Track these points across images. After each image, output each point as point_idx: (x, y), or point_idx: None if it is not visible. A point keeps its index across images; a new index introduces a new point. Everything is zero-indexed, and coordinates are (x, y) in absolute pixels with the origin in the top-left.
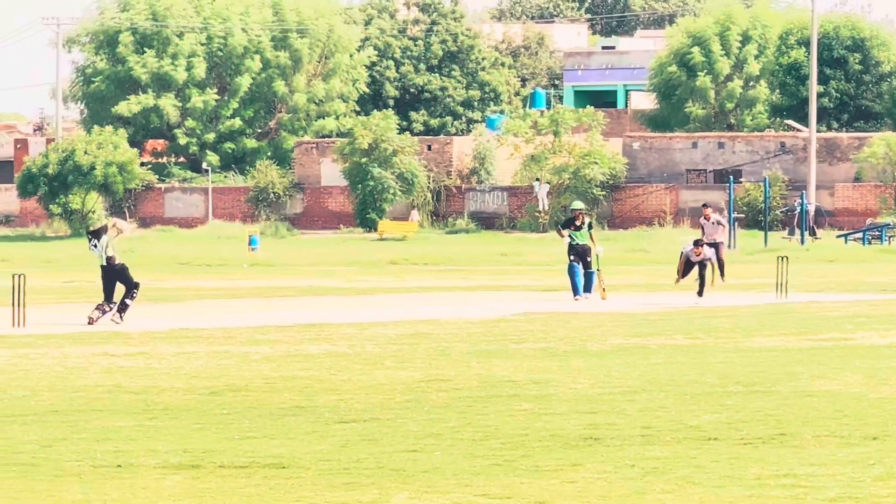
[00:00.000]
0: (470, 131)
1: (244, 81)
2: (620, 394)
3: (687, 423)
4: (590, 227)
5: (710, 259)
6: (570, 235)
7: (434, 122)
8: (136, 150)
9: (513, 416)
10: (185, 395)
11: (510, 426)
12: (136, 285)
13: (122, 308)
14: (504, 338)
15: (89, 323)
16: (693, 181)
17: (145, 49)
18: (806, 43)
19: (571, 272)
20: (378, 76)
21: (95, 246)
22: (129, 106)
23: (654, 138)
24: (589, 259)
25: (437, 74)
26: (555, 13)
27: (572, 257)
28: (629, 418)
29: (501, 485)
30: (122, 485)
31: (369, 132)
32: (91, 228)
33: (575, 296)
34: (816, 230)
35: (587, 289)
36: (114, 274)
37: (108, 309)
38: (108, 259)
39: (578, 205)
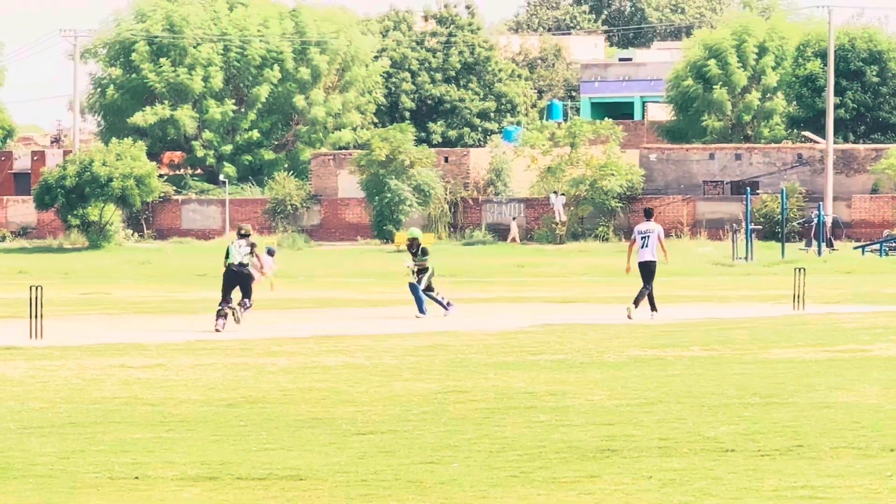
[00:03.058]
0: (487, 143)
1: (262, 92)
2: (638, 405)
3: (704, 435)
4: (423, 252)
5: None
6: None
7: (451, 134)
8: (154, 162)
9: (530, 427)
10: (203, 407)
11: (527, 438)
12: (250, 295)
13: (244, 307)
14: (521, 349)
15: (217, 330)
16: (710, 193)
17: (161, 59)
18: (823, 55)
19: (413, 290)
20: (395, 88)
21: (239, 246)
22: (144, 116)
23: (671, 150)
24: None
25: (454, 86)
26: (572, 25)
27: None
28: (646, 430)
29: (518, 496)
30: (140, 497)
31: (386, 144)
32: (243, 231)
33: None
34: (833, 242)
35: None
36: (237, 277)
37: (227, 311)
38: (241, 264)
39: (414, 233)
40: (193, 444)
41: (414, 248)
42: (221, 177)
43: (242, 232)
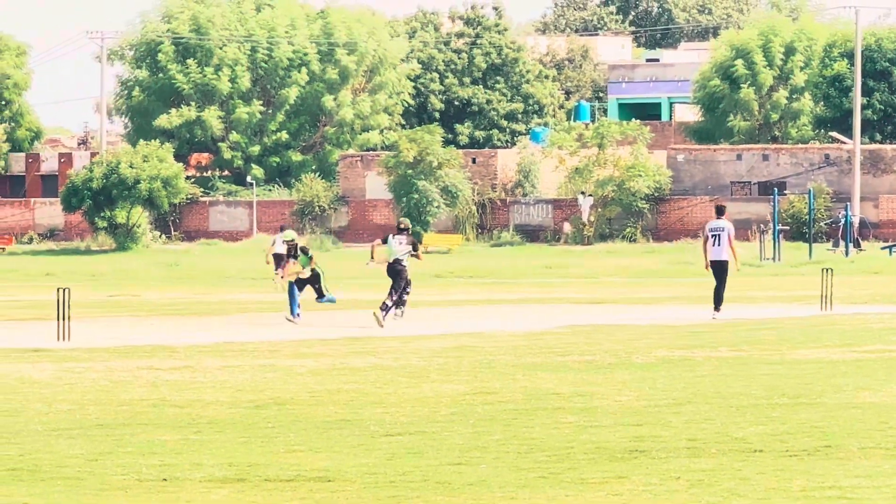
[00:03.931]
0: (514, 144)
1: (291, 94)
2: (666, 406)
3: (732, 436)
4: (304, 252)
5: None
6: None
7: (479, 135)
8: (181, 164)
9: (558, 428)
10: (230, 409)
11: (555, 439)
12: (410, 285)
13: (401, 304)
14: (549, 350)
15: (380, 324)
16: (738, 193)
17: (187, 60)
18: (850, 55)
19: (290, 292)
20: (423, 89)
21: (400, 242)
22: (170, 119)
23: (698, 150)
24: (318, 286)
25: (481, 87)
26: (599, 26)
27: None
28: (674, 431)
29: (547, 497)
30: (168, 499)
31: (414, 145)
32: (402, 225)
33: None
34: (861, 242)
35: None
36: (400, 272)
37: (388, 306)
38: (395, 260)
39: (289, 235)
40: (221, 445)
41: (292, 251)
42: (249, 178)
43: (402, 226)
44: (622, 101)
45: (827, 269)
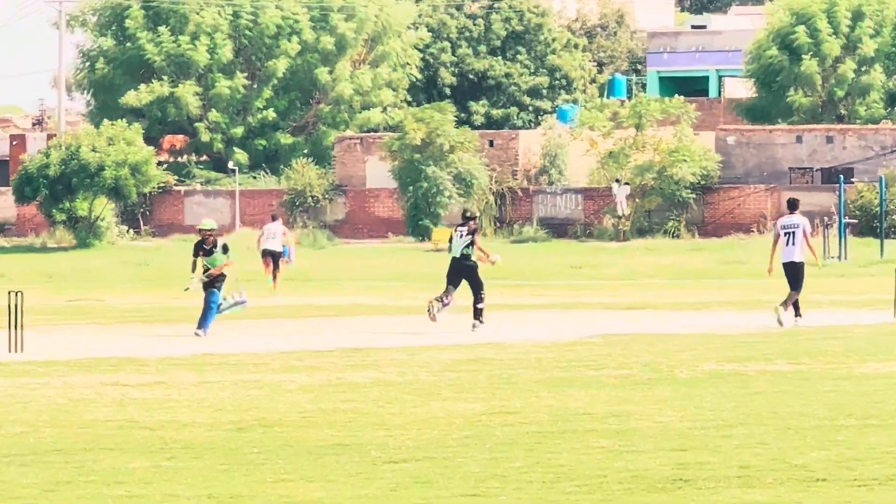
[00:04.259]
0: (538, 124)
1: (279, 66)
2: (714, 428)
3: (791, 462)
4: (225, 250)
5: None
6: (203, 265)
7: (497, 114)
8: (152, 148)
9: (589, 454)
10: (209, 432)
11: (586, 466)
12: (482, 286)
13: (478, 314)
14: (579, 364)
15: (432, 320)
16: (797, 181)
17: (159, 27)
18: None
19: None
20: (432, 60)
21: (461, 235)
22: (139, 95)
23: (751, 132)
24: (216, 287)
25: (499, 58)
26: None
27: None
28: (724, 456)
29: None
30: None
31: (422, 126)
32: (468, 214)
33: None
34: None
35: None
36: (462, 270)
37: (447, 301)
38: (464, 255)
39: (208, 224)
40: (199, 473)
41: (209, 244)
42: (231, 164)
43: (468, 214)
44: (663, 75)
45: None
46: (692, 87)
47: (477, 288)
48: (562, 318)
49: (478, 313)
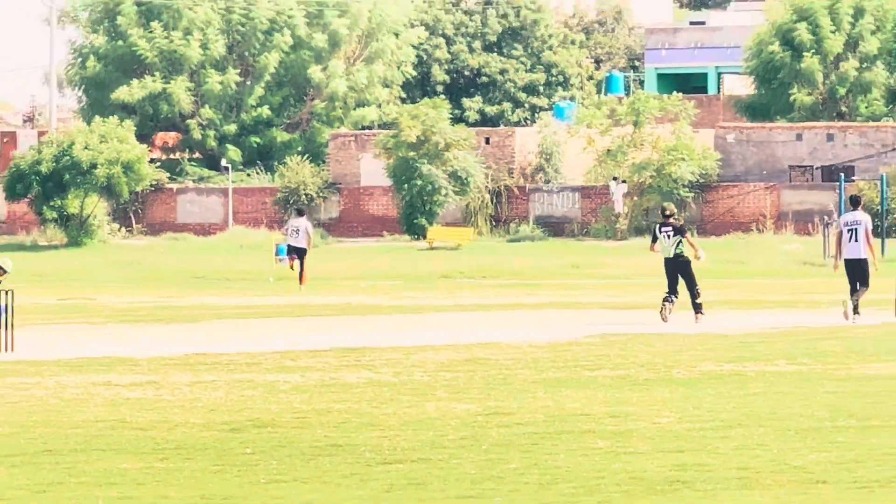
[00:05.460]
0: (535, 121)
1: (271, 60)
2: (712, 430)
3: (791, 464)
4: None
5: None
6: None
7: (492, 111)
8: (144, 145)
9: (586, 455)
10: (202, 432)
11: (583, 468)
12: (696, 281)
13: (698, 308)
14: (576, 364)
15: (664, 321)
16: (797, 180)
17: (151, 23)
18: None
19: None
20: (426, 57)
21: (667, 236)
22: (130, 91)
23: (751, 129)
24: None
25: (495, 55)
26: None
27: None
28: (723, 458)
29: None
30: None
31: (417, 123)
32: (667, 212)
33: None
34: None
35: None
36: (677, 267)
37: (673, 300)
38: (677, 255)
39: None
40: (191, 475)
41: None
42: (224, 162)
43: (666, 213)
44: (662, 72)
45: None
46: (691, 83)
47: (692, 283)
48: (558, 318)
49: (697, 307)
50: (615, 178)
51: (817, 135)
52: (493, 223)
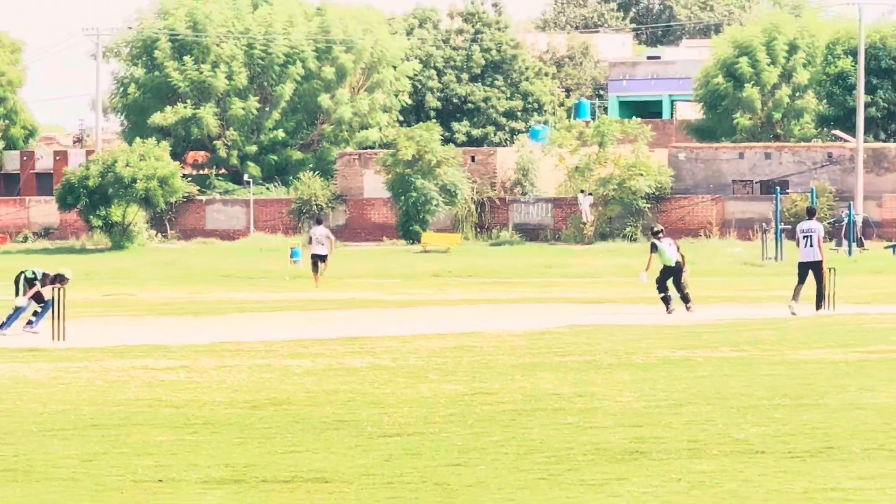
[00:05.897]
0: (513, 142)
1: (286, 89)
2: (666, 407)
3: (734, 437)
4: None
5: None
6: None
7: (477, 133)
8: (177, 162)
9: (558, 429)
10: (227, 409)
11: (555, 440)
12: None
13: (687, 299)
14: (548, 350)
15: (671, 313)
16: (739, 192)
17: (184, 57)
18: (853, 53)
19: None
20: (420, 86)
21: (670, 245)
22: (165, 116)
23: (700, 149)
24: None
25: (480, 84)
26: (599, 23)
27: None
28: (675, 432)
29: (546, 499)
30: (164, 500)
31: (412, 143)
32: (655, 228)
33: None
34: (864, 241)
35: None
36: (676, 272)
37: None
38: (678, 263)
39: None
40: (217, 446)
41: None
42: (246, 177)
43: (656, 229)
44: (623, 99)
45: (830, 269)
46: (648, 110)
47: (682, 283)
48: (533, 311)
49: (687, 299)
50: (582, 191)
51: (756, 154)
52: (478, 229)
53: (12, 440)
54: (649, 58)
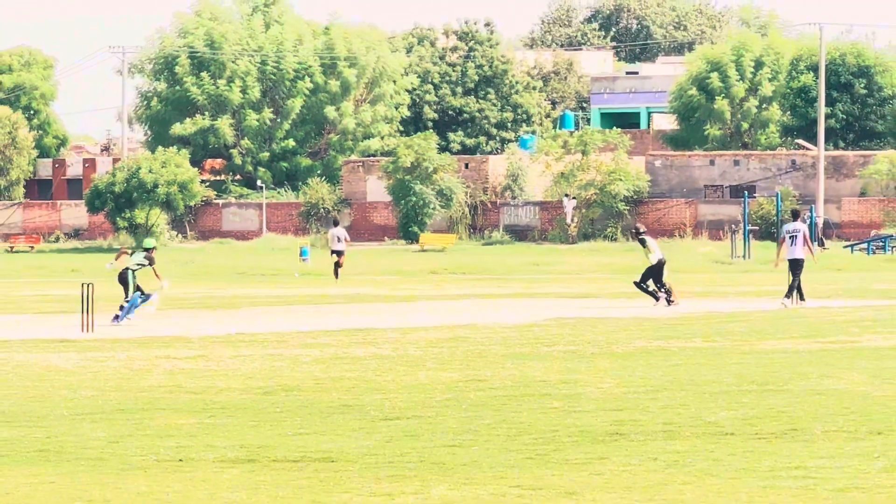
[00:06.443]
0: (504, 150)
1: (296, 103)
2: (644, 392)
3: (705, 420)
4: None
5: None
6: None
7: (470, 142)
8: (196, 169)
9: (544, 413)
10: (241, 395)
11: (542, 423)
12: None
13: (669, 294)
14: (536, 341)
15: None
16: (711, 196)
17: (202, 73)
18: (815, 68)
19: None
20: (418, 99)
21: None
22: (185, 127)
23: (674, 156)
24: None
25: (473, 97)
26: (582, 41)
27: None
28: (652, 415)
29: (534, 477)
30: (184, 478)
31: (411, 152)
32: (642, 229)
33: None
34: (825, 241)
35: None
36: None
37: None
38: (659, 261)
39: (149, 243)
40: (233, 429)
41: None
42: (259, 182)
43: (641, 230)
44: (604, 111)
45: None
46: (627, 121)
47: (659, 282)
48: (523, 305)
49: (669, 293)
50: (567, 195)
51: (726, 161)
52: (472, 230)
53: (45, 423)
54: (628, 73)
